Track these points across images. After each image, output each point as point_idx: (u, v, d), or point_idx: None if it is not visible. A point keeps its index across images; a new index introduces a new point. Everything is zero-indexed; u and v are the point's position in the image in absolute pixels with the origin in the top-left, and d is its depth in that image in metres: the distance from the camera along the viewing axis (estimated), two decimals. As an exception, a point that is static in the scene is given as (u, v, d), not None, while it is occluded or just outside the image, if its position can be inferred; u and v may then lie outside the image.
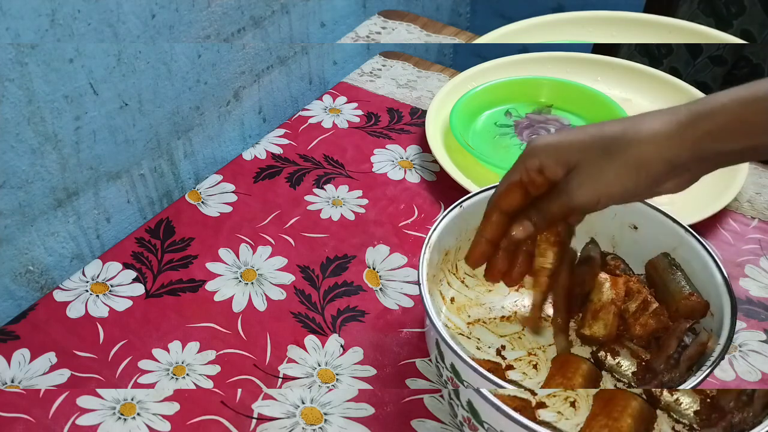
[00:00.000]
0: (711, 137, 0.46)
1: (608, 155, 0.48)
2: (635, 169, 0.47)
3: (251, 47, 0.87)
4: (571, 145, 0.49)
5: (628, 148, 0.47)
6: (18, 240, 0.69)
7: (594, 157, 0.48)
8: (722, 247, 0.74)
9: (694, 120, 0.46)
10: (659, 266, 0.61)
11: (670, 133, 0.47)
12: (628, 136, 0.48)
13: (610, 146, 0.48)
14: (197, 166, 0.87)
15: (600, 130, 0.49)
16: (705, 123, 0.46)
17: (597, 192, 0.49)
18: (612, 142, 0.48)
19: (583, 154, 0.49)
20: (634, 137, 0.47)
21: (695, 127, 0.46)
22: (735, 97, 0.46)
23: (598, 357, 0.57)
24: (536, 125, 0.89)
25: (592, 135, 0.49)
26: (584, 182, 0.49)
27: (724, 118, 0.45)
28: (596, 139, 0.49)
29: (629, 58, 1.03)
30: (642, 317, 0.58)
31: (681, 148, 0.47)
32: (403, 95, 0.97)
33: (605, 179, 0.48)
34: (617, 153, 0.47)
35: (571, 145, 0.49)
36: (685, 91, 0.91)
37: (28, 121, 0.65)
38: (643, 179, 0.48)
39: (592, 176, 0.48)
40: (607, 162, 0.48)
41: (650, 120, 0.48)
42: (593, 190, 0.49)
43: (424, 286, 0.54)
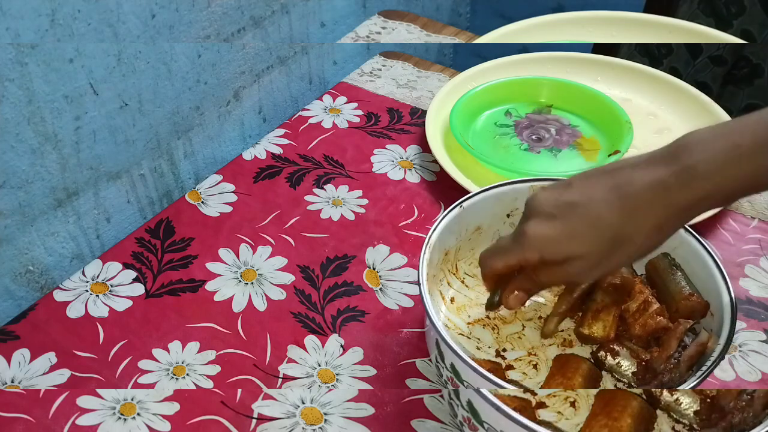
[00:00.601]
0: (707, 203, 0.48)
1: (612, 248, 0.49)
2: (638, 254, 0.50)
3: (251, 47, 0.87)
4: (573, 241, 0.50)
5: (630, 242, 0.49)
6: (18, 240, 0.69)
7: (597, 250, 0.50)
8: (722, 247, 0.74)
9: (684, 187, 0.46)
10: (659, 266, 0.61)
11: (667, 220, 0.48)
12: (632, 231, 0.49)
13: (614, 241, 0.49)
14: (197, 166, 0.87)
15: (599, 227, 0.49)
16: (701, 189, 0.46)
17: (598, 275, 0.53)
18: (615, 237, 0.49)
19: (587, 248, 0.50)
20: (637, 232, 0.48)
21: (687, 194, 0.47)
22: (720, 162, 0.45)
23: (598, 357, 0.57)
24: (536, 125, 0.89)
25: (593, 233, 0.49)
26: (589, 270, 0.51)
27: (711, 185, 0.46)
28: (597, 237, 0.49)
29: (629, 58, 1.03)
30: (642, 317, 0.58)
31: (678, 225, 0.49)
32: (403, 95, 0.97)
33: (610, 265, 0.51)
34: (621, 246, 0.49)
35: (573, 241, 0.50)
36: (685, 91, 0.91)
37: (28, 121, 0.65)
38: (643, 256, 0.51)
39: (596, 264, 0.51)
40: (612, 253, 0.50)
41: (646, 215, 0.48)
42: (596, 274, 0.52)
43: (424, 286, 0.54)
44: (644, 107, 0.93)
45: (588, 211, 0.49)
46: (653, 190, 0.47)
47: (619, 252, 0.50)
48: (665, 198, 0.47)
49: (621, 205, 0.48)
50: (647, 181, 0.47)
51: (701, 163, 0.46)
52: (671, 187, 0.46)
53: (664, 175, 0.47)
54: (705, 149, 0.46)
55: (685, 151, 0.46)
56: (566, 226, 0.50)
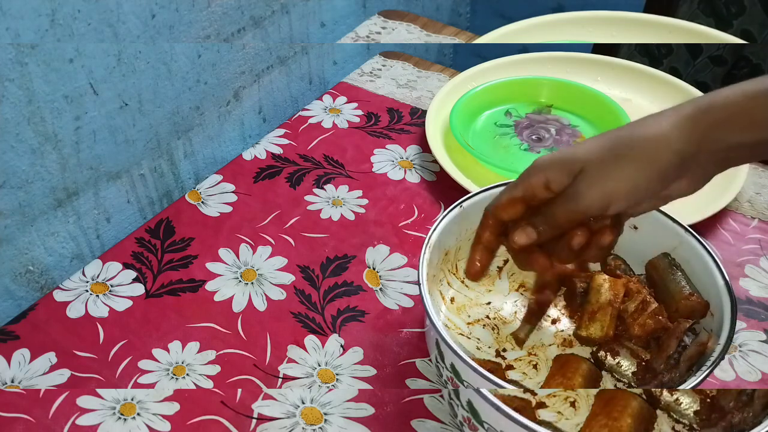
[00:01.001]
0: (718, 128, 0.46)
1: (616, 156, 0.47)
2: (645, 165, 0.46)
3: (251, 47, 0.87)
4: (576, 154, 0.48)
5: (636, 145, 0.47)
6: (18, 240, 0.69)
7: (601, 160, 0.47)
8: (722, 247, 0.74)
9: (700, 112, 0.46)
10: (659, 266, 0.61)
11: (678, 125, 0.46)
12: (635, 134, 0.47)
13: (618, 147, 0.47)
14: (197, 166, 0.87)
15: (606, 136, 0.49)
16: (711, 115, 0.46)
17: (606, 192, 0.47)
18: (619, 142, 0.47)
19: (590, 160, 0.47)
20: (642, 134, 0.47)
21: (702, 118, 0.46)
22: (739, 91, 0.46)
23: (598, 357, 0.57)
24: (536, 125, 0.89)
25: (599, 142, 0.49)
26: (592, 184, 0.47)
27: (729, 111, 0.46)
28: (603, 143, 0.48)
29: (629, 58, 1.03)
30: (641, 317, 0.58)
31: (689, 140, 0.46)
32: (403, 95, 0.97)
33: (614, 178, 0.47)
34: (625, 152, 0.47)
35: (576, 154, 0.48)
36: (685, 91, 0.91)
37: (28, 121, 0.65)
38: (654, 174, 0.47)
39: (600, 177, 0.47)
40: (615, 162, 0.47)
41: (655, 118, 0.48)
42: (602, 190, 0.47)
43: (424, 286, 0.54)
44: (644, 107, 0.93)
45: (594, 137, 0.49)
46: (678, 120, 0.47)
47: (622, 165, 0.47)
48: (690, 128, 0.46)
49: (629, 124, 0.48)
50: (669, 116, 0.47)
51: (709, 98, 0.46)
52: (694, 118, 0.46)
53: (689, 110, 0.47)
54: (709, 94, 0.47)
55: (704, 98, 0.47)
56: (570, 148, 0.49)
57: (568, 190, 0.49)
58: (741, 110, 0.45)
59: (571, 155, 0.49)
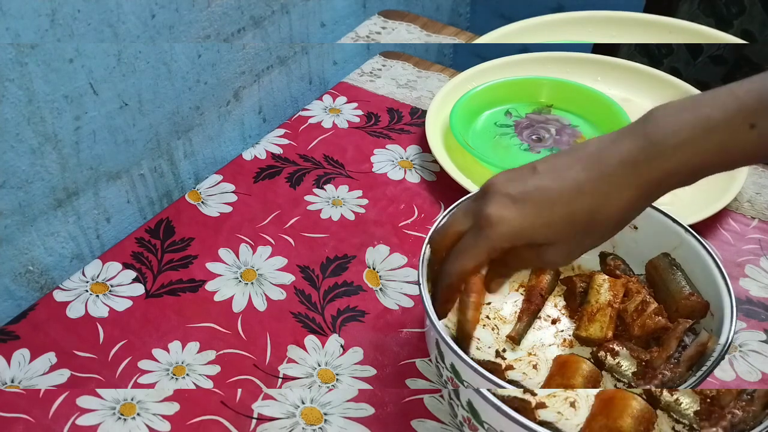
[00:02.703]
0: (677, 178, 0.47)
1: (586, 231, 0.48)
2: (610, 233, 0.49)
3: (251, 47, 0.87)
4: (547, 229, 0.48)
5: (603, 223, 0.48)
6: (18, 240, 0.69)
7: (570, 235, 0.48)
8: (722, 247, 0.74)
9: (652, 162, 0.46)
10: (659, 266, 0.61)
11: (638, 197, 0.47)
12: (604, 213, 0.47)
13: (586, 224, 0.48)
14: (197, 166, 0.87)
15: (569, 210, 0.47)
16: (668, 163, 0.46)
17: (571, 259, 0.51)
18: (587, 220, 0.47)
19: (559, 234, 0.48)
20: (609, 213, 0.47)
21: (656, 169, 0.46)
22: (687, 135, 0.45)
23: (598, 357, 0.57)
24: (536, 125, 0.89)
25: (563, 215, 0.47)
26: (564, 255, 0.49)
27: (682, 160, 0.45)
28: (567, 220, 0.47)
29: (629, 58, 1.03)
30: (641, 318, 0.58)
31: (648, 201, 0.48)
32: (403, 95, 0.97)
33: (584, 248, 0.50)
34: (594, 229, 0.48)
35: (547, 229, 0.48)
36: (685, 91, 0.91)
37: (28, 121, 0.65)
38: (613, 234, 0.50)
39: (571, 249, 0.49)
40: (586, 236, 0.49)
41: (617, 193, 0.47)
42: (573, 257, 0.50)
43: (424, 286, 0.54)
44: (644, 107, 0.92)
45: (560, 197, 0.47)
46: (623, 168, 0.46)
47: (592, 234, 0.48)
48: (636, 176, 0.46)
49: (593, 188, 0.46)
50: (617, 159, 0.46)
51: (669, 137, 0.45)
52: (640, 163, 0.45)
53: (633, 150, 0.46)
54: (673, 122, 0.45)
55: (653, 124, 0.46)
56: (538, 212, 0.47)
57: (532, 252, 0.50)
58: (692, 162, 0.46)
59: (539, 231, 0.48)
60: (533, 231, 0.48)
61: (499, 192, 0.48)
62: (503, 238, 0.48)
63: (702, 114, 0.45)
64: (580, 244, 0.49)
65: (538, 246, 0.49)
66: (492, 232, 0.48)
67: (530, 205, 0.47)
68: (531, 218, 0.47)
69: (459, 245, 0.51)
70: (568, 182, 0.47)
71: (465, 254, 0.50)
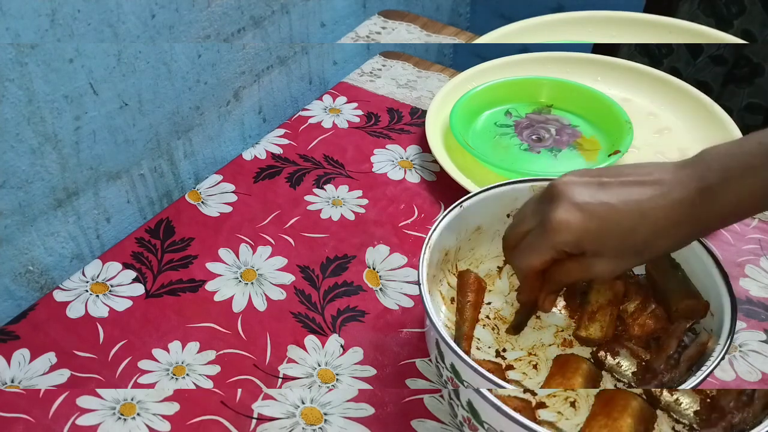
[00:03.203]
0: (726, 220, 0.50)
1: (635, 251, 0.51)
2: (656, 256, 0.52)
3: (251, 47, 0.87)
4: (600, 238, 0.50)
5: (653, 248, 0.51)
6: (18, 240, 0.69)
7: (621, 251, 0.51)
8: (722, 247, 0.74)
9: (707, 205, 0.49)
10: (659, 266, 0.61)
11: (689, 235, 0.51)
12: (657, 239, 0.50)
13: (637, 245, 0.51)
14: (197, 166, 0.87)
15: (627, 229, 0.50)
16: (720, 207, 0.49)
17: (620, 272, 0.53)
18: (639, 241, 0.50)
19: (612, 249, 0.51)
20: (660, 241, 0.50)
21: (709, 211, 0.49)
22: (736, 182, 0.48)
23: (598, 357, 0.57)
24: (536, 125, 0.89)
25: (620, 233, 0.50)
26: (611, 269, 0.52)
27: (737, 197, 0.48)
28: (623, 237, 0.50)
29: (629, 58, 1.03)
30: (641, 318, 0.58)
31: (695, 238, 0.53)
32: (403, 95, 0.97)
33: (629, 264, 0.53)
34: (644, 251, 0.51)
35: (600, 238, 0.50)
36: (685, 91, 0.91)
37: (28, 121, 0.65)
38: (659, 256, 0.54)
39: (618, 264, 0.52)
40: (634, 255, 0.52)
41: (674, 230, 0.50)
42: (618, 272, 0.53)
43: (424, 286, 0.54)
44: (644, 107, 0.93)
45: (623, 218, 0.50)
46: (682, 207, 0.49)
47: (641, 256, 0.52)
48: (691, 216, 0.49)
49: (654, 220, 0.49)
50: (677, 198, 0.49)
51: (722, 182, 0.48)
52: (697, 205, 0.49)
53: (692, 191, 0.49)
54: (724, 167, 0.48)
55: (708, 169, 0.49)
56: (601, 226, 0.50)
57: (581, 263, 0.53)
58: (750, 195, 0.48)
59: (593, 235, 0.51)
60: (592, 241, 0.51)
61: (566, 198, 0.51)
62: (566, 244, 0.51)
63: (745, 161, 0.48)
64: (627, 263, 0.52)
65: (587, 257, 0.52)
66: (556, 236, 0.51)
67: (595, 217, 0.50)
68: (594, 230, 0.50)
69: (525, 243, 0.54)
70: (632, 207, 0.50)
71: (531, 252, 0.54)
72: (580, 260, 0.52)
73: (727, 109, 0.88)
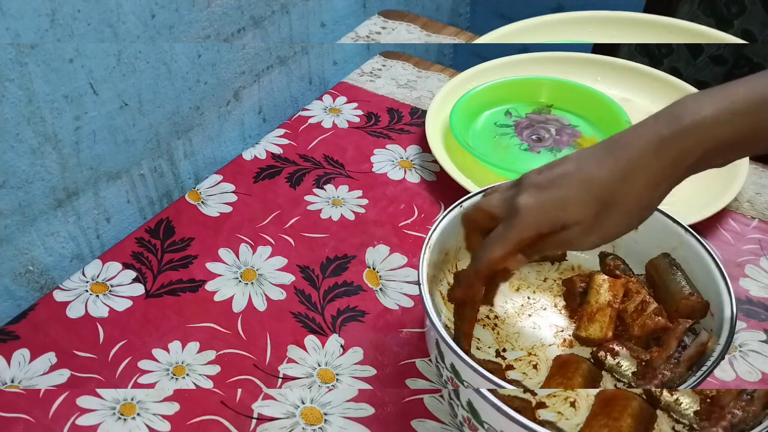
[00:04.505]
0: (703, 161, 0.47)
1: (606, 210, 0.48)
2: (633, 215, 0.49)
3: (251, 47, 0.87)
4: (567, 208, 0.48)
5: (624, 201, 0.48)
6: (18, 240, 0.69)
7: (591, 214, 0.48)
8: (722, 247, 0.74)
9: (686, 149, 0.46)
10: (659, 266, 0.61)
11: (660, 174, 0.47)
12: (624, 189, 0.47)
13: (606, 202, 0.48)
14: (197, 166, 0.87)
15: (588, 186, 0.48)
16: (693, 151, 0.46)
17: (597, 241, 0.50)
18: (607, 196, 0.48)
19: (579, 213, 0.48)
20: (630, 190, 0.47)
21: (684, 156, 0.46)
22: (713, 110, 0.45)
23: (598, 357, 0.57)
24: (536, 125, 0.89)
25: (585, 194, 0.48)
26: (584, 236, 0.49)
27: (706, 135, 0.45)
28: (590, 198, 0.48)
29: (629, 58, 1.03)
30: (640, 318, 0.58)
31: (671, 182, 0.48)
32: (403, 95, 0.97)
33: (606, 229, 0.49)
34: (614, 207, 0.48)
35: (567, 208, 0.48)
36: (685, 91, 0.91)
37: (28, 121, 0.65)
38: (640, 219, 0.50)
39: (592, 230, 0.49)
40: (607, 216, 0.48)
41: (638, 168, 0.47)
42: (595, 240, 0.50)
43: (424, 286, 0.54)
44: (644, 107, 0.93)
45: (580, 175, 0.48)
46: (647, 146, 0.46)
47: (614, 213, 0.48)
48: (659, 153, 0.46)
49: (612, 161, 0.47)
50: (642, 140, 0.47)
51: (694, 113, 0.45)
52: (663, 137, 0.46)
53: (658, 128, 0.46)
54: (699, 101, 0.46)
55: (680, 104, 0.47)
56: (558, 193, 0.48)
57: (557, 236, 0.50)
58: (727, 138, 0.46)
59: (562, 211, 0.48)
60: (555, 212, 0.48)
61: (528, 183, 0.50)
62: (529, 226, 0.49)
63: (728, 92, 0.46)
64: (600, 226, 0.49)
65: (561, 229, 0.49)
66: (519, 222, 0.49)
67: (554, 188, 0.49)
68: (553, 200, 0.48)
69: (491, 235, 0.52)
70: (592, 164, 0.48)
71: (495, 244, 0.51)
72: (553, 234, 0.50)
73: (728, 109, 0.88)
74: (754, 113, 0.45)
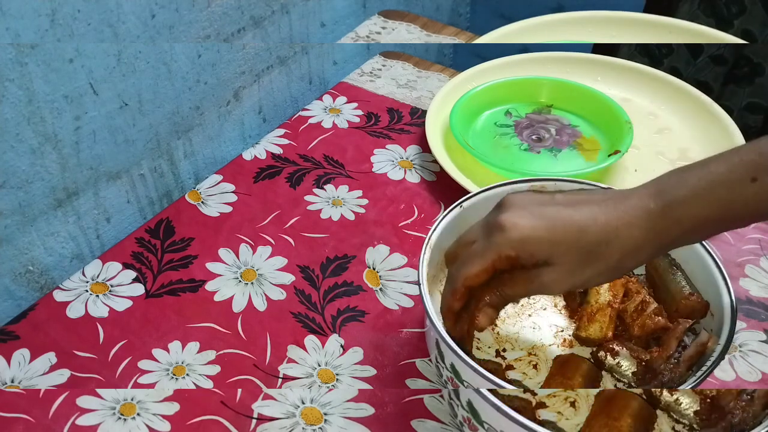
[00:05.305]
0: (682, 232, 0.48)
1: (588, 261, 0.48)
2: (612, 272, 0.49)
3: (251, 47, 0.87)
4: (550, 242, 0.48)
5: (607, 258, 0.48)
6: (18, 240, 0.69)
7: (574, 260, 0.48)
8: (722, 247, 0.74)
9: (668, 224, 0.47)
10: (659, 266, 0.61)
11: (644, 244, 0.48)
12: (611, 247, 0.48)
13: (591, 253, 0.48)
14: (197, 166, 0.87)
15: (579, 232, 0.48)
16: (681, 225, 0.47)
17: (571, 286, 0.50)
18: (593, 249, 0.48)
19: (563, 255, 0.48)
20: (615, 248, 0.48)
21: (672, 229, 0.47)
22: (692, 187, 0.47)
23: (598, 357, 0.57)
24: (536, 125, 0.89)
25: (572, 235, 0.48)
26: (561, 280, 0.49)
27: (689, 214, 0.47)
28: (574, 242, 0.48)
29: (629, 58, 1.03)
30: (640, 318, 0.58)
31: (651, 253, 0.49)
32: (403, 95, 0.97)
33: (582, 278, 0.49)
34: (597, 260, 0.48)
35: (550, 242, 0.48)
36: (685, 91, 0.91)
37: (28, 121, 0.65)
38: (614, 278, 0.50)
39: (570, 275, 0.49)
40: (587, 266, 0.48)
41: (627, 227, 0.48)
42: (569, 285, 0.50)
43: (424, 286, 0.54)
44: (644, 107, 0.93)
45: (573, 222, 0.48)
46: (636, 211, 0.48)
47: (593, 265, 0.49)
48: (647, 220, 0.47)
49: (606, 221, 0.48)
50: (631, 204, 0.48)
51: (677, 188, 0.47)
52: (651, 211, 0.47)
53: (644, 197, 0.48)
54: (681, 176, 0.48)
55: (665, 179, 0.48)
56: (549, 229, 0.48)
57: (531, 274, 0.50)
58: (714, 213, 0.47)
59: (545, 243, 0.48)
60: (540, 245, 0.48)
61: (517, 205, 0.50)
62: (511, 244, 0.48)
63: (706, 169, 0.47)
64: (579, 273, 0.49)
65: (536, 268, 0.49)
66: (501, 237, 0.49)
67: (544, 221, 0.48)
68: (541, 232, 0.48)
69: (468, 251, 0.51)
70: (584, 212, 0.48)
71: (471, 260, 0.50)
72: (527, 270, 0.49)
73: (727, 108, 0.88)
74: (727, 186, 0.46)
